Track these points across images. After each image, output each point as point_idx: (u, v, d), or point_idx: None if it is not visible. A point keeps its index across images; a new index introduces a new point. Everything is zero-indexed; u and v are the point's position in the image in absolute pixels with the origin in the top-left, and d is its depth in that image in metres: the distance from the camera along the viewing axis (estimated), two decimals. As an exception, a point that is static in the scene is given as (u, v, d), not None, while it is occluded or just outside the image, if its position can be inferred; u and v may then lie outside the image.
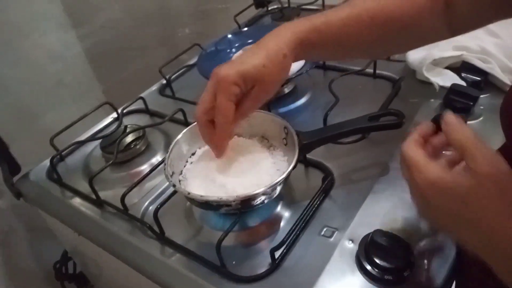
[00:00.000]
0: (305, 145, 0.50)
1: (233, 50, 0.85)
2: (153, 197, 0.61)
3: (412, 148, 0.38)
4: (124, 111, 0.79)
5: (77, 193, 0.65)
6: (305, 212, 0.51)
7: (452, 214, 0.34)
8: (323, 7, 1.04)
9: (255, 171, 0.51)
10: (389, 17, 0.48)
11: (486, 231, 0.32)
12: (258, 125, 0.57)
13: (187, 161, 0.56)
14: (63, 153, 0.72)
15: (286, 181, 0.49)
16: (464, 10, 0.47)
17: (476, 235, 0.33)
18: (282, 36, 0.48)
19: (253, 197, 0.46)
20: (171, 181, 0.50)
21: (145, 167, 0.67)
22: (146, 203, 0.60)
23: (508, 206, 0.31)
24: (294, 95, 0.77)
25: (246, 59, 0.46)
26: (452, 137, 0.35)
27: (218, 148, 0.51)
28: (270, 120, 0.55)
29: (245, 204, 0.48)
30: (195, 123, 0.58)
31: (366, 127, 0.52)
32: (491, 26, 0.73)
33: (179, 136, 0.55)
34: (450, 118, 0.36)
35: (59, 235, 0.77)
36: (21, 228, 0.87)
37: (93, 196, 0.62)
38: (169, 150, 0.53)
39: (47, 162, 0.72)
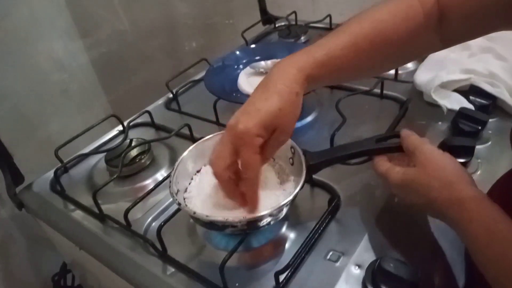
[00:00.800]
0: (312, 166, 0.50)
1: (241, 66, 0.85)
2: (156, 213, 0.61)
3: (378, 164, 0.50)
4: (130, 124, 0.79)
5: (80, 206, 0.64)
6: (310, 235, 0.50)
7: (413, 199, 0.46)
8: (330, 25, 1.05)
9: (261, 191, 0.51)
10: (386, 40, 0.49)
11: (433, 206, 0.43)
12: None
13: (192, 178, 0.56)
14: (67, 165, 0.72)
15: (292, 202, 0.48)
16: (456, 24, 0.48)
17: (430, 209, 0.45)
18: (289, 74, 0.47)
19: (259, 218, 0.46)
20: (176, 199, 0.49)
21: (149, 182, 0.67)
22: (149, 219, 0.60)
23: (436, 184, 0.43)
24: (301, 113, 0.76)
25: (261, 106, 0.45)
26: (404, 145, 0.49)
27: (252, 202, 0.48)
28: None
29: (251, 226, 0.47)
30: (200, 140, 0.58)
31: (373, 149, 0.51)
32: (499, 50, 0.73)
33: (185, 153, 0.55)
34: (404, 133, 0.50)
35: (59, 247, 0.76)
36: (21, 238, 0.86)
37: (96, 210, 0.61)
38: (175, 168, 0.53)
39: (50, 174, 0.71)
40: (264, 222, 0.47)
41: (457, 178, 0.42)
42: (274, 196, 0.50)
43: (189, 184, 0.55)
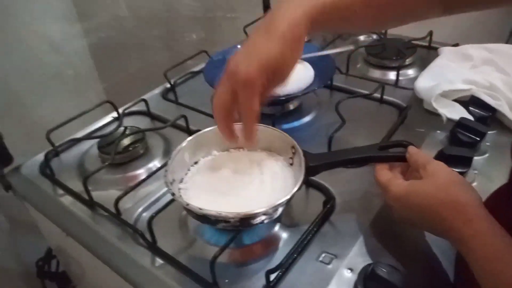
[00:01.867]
0: (311, 168, 0.49)
1: (241, 60, 0.84)
2: (147, 203, 0.59)
3: (380, 173, 0.49)
4: (125, 111, 0.77)
5: (70, 191, 0.63)
6: (304, 235, 0.49)
7: (413, 212, 0.44)
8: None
9: (258, 187, 0.50)
10: None
11: (435, 218, 0.42)
12: (265, 139, 0.55)
13: (189, 169, 0.55)
14: (58, 149, 0.70)
15: (288, 202, 0.47)
16: None
17: (430, 222, 0.43)
18: (294, 16, 0.45)
19: (253, 216, 0.45)
20: (170, 189, 0.48)
21: (141, 171, 0.65)
22: (140, 209, 0.58)
23: (443, 197, 0.42)
24: (299, 112, 0.76)
25: (262, 49, 0.44)
26: (412, 159, 0.48)
27: (248, 137, 0.49)
28: (278, 137, 0.54)
29: (244, 222, 0.46)
30: (200, 132, 0.57)
31: (375, 157, 0.51)
32: (500, 63, 0.73)
33: (184, 143, 0.54)
34: (412, 149, 0.49)
35: (45, 233, 0.75)
36: (4, 221, 0.84)
37: (86, 197, 0.60)
38: (172, 157, 0.52)
39: (40, 157, 0.70)
40: (258, 220, 0.46)
41: (464, 194, 0.41)
42: (271, 193, 0.49)
43: (185, 175, 0.54)
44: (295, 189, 0.46)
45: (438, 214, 0.41)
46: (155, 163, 0.67)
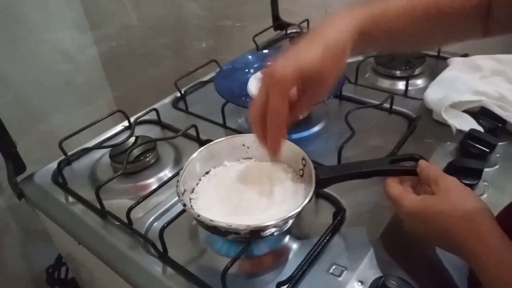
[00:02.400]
0: (322, 180, 0.49)
1: (251, 70, 0.85)
2: (158, 213, 0.60)
3: (391, 187, 0.49)
4: (137, 121, 0.78)
5: (82, 200, 0.64)
6: (314, 247, 0.50)
7: (427, 228, 0.44)
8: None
9: (268, 199, 0.50)
10: (440, 13, 0.48)
11: (449, 235, 0.41)
12: None
13: (200, 179, 0.55)
14: (70, 158, 0.71)
15: (299, 214, 0.47)
16: (500, 15, 0.47)
17: (444, 239, 0.43)
18: (343, 27, 0.45)
19: (264, 228, 0.45)
20: (182, 200, 0.49)
21: (152, 181, 0.66)
22: (151, 219, 0.59)
23: (456, 214, 0.41)
24: (308, 122, 0.77)
25: (303, 52, 0.43)
26: (424, 174, 0.48)
27: (272, 150, 0.47)
28: (288, 148, 0.54)
29: (254, 234, 0.46)
30: (211, 142, 0.57)
31: (386, 170, 0.51)
32: (510, 74, 0.73)
33: (195, 154, 0.54)
34: (423, 163, 0.49)
35: (57, 240, 0.76)
36: (16, 228, 0.85)
37: (98, 206, 0.60)
38: (183, 168, 0.52)
39: (53, 165, 0.71)
40: (268, 232, 0.47)
41: (478, 211, 0.41)
42: (281, 204, 0.49)
43: (197, 185, 0.54)
44: (306, 201, 0.46)
45: (452, 231, 0.41)
46: (166, 173, 0.67)
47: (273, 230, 0.47)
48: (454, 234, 0.41)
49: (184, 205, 0.48)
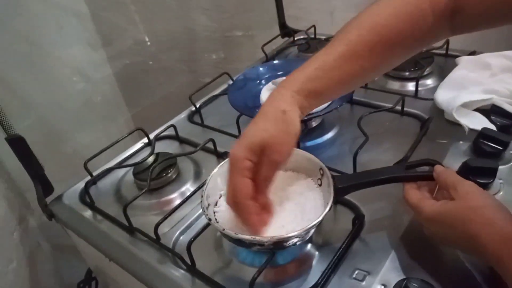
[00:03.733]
0: (340, 189, 0.51)
1: (263, 81, 0.87)
2: (183, 227, 0.62)
3: (410, 193, 0.50)
4: (156, 137, 0.81)
5: (109, 218, 0.67)
6: (336, 254, 0.51)
7: (449, 234, 0.45)
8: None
9: (289, 209, 0.52)
10: (389, 45, 0.49)
11: (472, 241, 0.41)
12: (293, 161, 0.58)
13: (221, 192, 0.58)
14: (95, 178, 0.74)
15: (319, 223, 0.49)
16: (472, 17, 0.48)
17: (467, 244, 0.43)
18: (277, 94, 0.49)
19: (287, 239, 0.47)
20: (207, 215, 0.51)
21: (175, 196, 0.69)
22: (177, 233, 0.61)
23: (478, 219, 0.42)
24: (322, 129, 0.78)
25: (249, 131, 0.48)
26: (441, 179, 0.49)
27: (253, 227, 0.48)
28: (306, 159, 0.56)
29: (278, 245, 0.48)
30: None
31: (403, 176, 0.52)
32: (520, 70, 0.74)
33: (216, 169, 0.57)
34: (439, 167, 0.50)
35: (87, 257, 0.79)
36: (47, 246, 0.88)
37: (126, 223, 0.63)
38: (206, 184, 0.55)
39: (79, 185, 0.74)
40: (291, 242, 0.49)
41: (500, 215, 0.42)
42: (302, 214, 0.51)
43: (219, 198, 0.57)
44: (326, 211, 0.48)
45: (474, 237, 0.41)
46: (187, 187, 0.70)
47: (295, 240, 0.49)
48: (478, 239, 0.41)
49: (209, 219, 0.50)
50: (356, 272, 0.50)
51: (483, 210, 0.42)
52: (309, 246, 0.56)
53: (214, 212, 0.55)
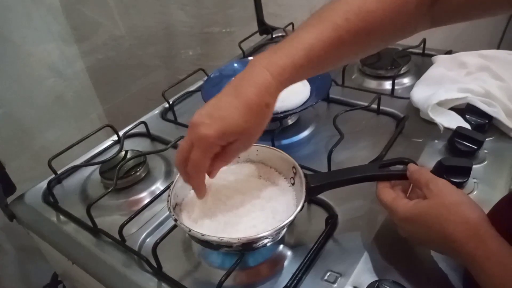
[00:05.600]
0: (313, 188, 0.49)
1: (238, 78, 0.85)
2: (151, 228, 0.60)
3: (383, 193, 0.49)
4: (126, 134, 0.78)
5: (73, 219, 0.63)
6: (308, 255, 0.50)
7: (423, 233, 0.44)
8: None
9: (259, 208, 0.50)
10: (372, 32, 0.48)
11: (447, 240, 0.41)
12: (268, 160, 0.56)
13: (191, 190, 0.55)
14: (60, 176, 0.71)
15: (291, 223, 0.47)
16: (451, 7, 0.47)
17: (441, 244, 0.43)
18: (263, 82, 0.44)
19: (256, 240, 0.45)
20: (173, 215, 0.48)
21: (144, 195, 0.66)
22: (144, 234, 0.59)
23: (452, 217, 0.41)
24: (297, 127, 0.77)
25: (227, 113, 0.43)
26: (414, 178, 0.48)
27: (196, 191, 0.50)
28: (279, 157, 0.54)
29: (247, 246, 0.46)
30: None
31: (377, 175, 0.51)
32: (496, 69, 0.74)
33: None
34: (413, 166, 0.50)
35: (51, 260, 0.75)
36: (11, 248, 0.84)
37: (90, 224, 0.60)
38: (174, 182, 0.52)
39: (42, 184, 0.70)
40: (261, 243, 0.47)
41: (474, 214, 0.41)
42: (272, 213, 0.50)
43: (187, 196, 0.54)
44: (297, 210, 0.46)
45: (451, 235, 0.41)
46: (157, 186, 0.67)
47: (265, 241, 0.47)
48: (453, 238, 0.40)
49: (175, 220, 0.48)
50: (328, 273, 0.49)
51: (457, 208, 0.42)
52: (281, 247, 0.54)
53: (182, 212, 0.52)
